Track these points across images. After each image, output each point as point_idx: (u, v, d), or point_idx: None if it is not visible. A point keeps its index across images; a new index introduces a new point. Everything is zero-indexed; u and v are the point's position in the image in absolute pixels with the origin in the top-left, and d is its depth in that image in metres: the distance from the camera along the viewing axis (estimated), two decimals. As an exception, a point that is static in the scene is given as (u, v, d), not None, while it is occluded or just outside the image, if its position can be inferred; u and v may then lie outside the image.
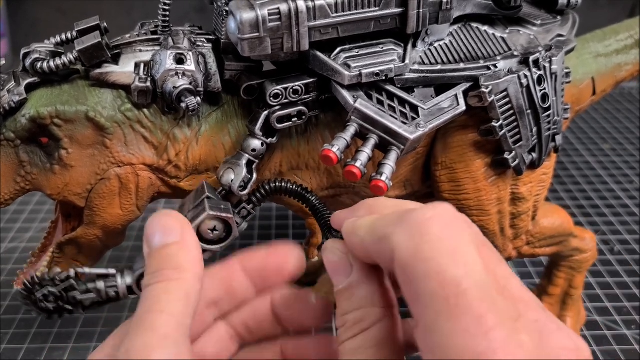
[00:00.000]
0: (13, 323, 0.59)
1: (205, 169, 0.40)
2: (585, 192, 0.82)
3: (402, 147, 0.36)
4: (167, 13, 0.37)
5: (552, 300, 0.58)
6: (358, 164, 0.35)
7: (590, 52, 0.55)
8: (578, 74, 0.53)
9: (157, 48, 0.37)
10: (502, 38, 0.43)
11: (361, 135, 0.36)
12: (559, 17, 0.47)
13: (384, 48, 0.37)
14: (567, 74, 0.45)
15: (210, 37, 0.39)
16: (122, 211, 0.40)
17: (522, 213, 0.47)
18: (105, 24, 0.38)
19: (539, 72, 0.41)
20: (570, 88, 0.52)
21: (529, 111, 0.42)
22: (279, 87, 0.36)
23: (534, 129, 0.43)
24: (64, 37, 0.38)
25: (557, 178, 0.85)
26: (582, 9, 0.48)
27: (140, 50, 0.37)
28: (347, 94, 0.36)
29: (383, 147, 0.36)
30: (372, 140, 0.36)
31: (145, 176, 0.39)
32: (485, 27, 0.43)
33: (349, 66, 0.36)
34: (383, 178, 0.35)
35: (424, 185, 0.48)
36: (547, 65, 0.42)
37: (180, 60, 0.36)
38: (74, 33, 0.38)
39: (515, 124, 0.42)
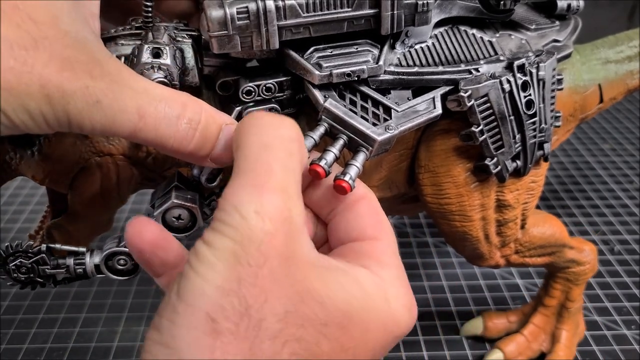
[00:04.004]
0: (13, 323, 0.61)
1: (185, 162, 0.41)
2: (585, 192, 0.82)
3: (371, 148, 0.36)
4: (149, 9, 0.38)
5: (547, 312, 0.56)
6: (322, 162, 0.35)
7: (599, 58, 0.53)
8: (582, 81, 0.52)
9: (138, 42, 0.38)
10: (490, 42, 0.42)
11: (331, 135, 0.37)
12: (557, 22, 0.46)
13: (359, 49, 0.37)
14: (559, 81, 0.44)
15: (193, 33, 0.40)
16: (103, 199, 0.42)
17: (508, 220, 0.47)
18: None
19: (524, 78, 0.40)
20: (572, 95, 0.51)
21: (511, 117, 0.41)
22: (251, 84, 0.37)
23: (518, 136, 0.42)
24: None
25: (556, 178, 0.85)
26: (582, 9, 0.47)
27: (122, 44, 0.38)
28: (318, 93, 0.36)
29: (352, 148, 0.36)
30: (341, 141, 0.36)
31: (125, 166, 0.40)
32: (474, 31, 0.42)
33: (320, 66, 0.36)
34: (346, 178, 0.35)
35: (411, 188, 0.48)
36: (533, 70, 0.41)
37: (156, 54, 0.37)
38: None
39: (496, 129, 0.41)
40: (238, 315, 0.23)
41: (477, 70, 0.40)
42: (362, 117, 0.36)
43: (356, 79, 0.36)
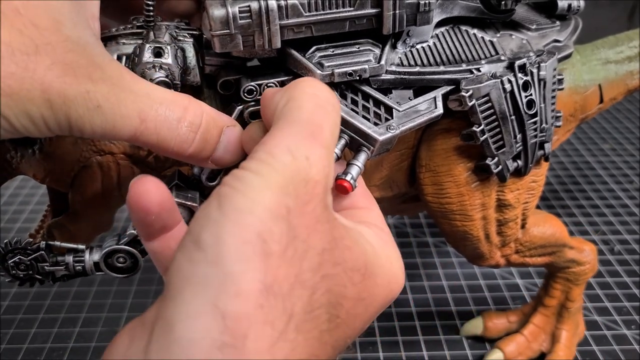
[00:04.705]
0: (13, 323, 0.61)
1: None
2: (585, 192, 0.82)
3: (372, 148, 0.36)
4: (151, 8, 0.38)
5: (547, 312, 0.57)
6: (324, 162, 0.35)
7: (599, 58, 0.54)
8: (583, 81, 0.52)
9: (139, 41, 0.38)
10: (491, 42, 0.42)
11: (333, 135, 0.37)
12: (557, 22, 0.46)
13: (361, 48, 0.37)
14: (560, 81, 0.44)
15: (195, 32, 0.40)
16: (104, 198, 0.42)
17: (509, 220, 0.47)
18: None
19: (525, 78, 0.41)
20: (573, 95, 0.51)
21: (512, 117, 0.41)
22: (253, 84, 0.37)
23: (519, 136, 0.42)
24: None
25: (556, 178, 0.85)
26: (583, 9, 0.47)
27: (124, 43, 0.38)
28: (319, 93, 0.36)
29: (354, 147, 0.36)
30: (343, 140, 0.36)
31: (127, 165, 0.40)
32: (475, 30, 0.42)
33: (322, 65, 0.36)
34: (348, 178, 0.35)
35: (412, 188, 0.48)
36: (534, 70, 0.41)
37: (158, 53, 0.36)
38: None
39: (497, 129, 0.41)
40: (286, 241, 0.23)
41: (478, 70, 0.40)
42: (363, 116, 0.36)
43: (358, 78, 0.37)
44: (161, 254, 0.31)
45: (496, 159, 0.42)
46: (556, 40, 0.45)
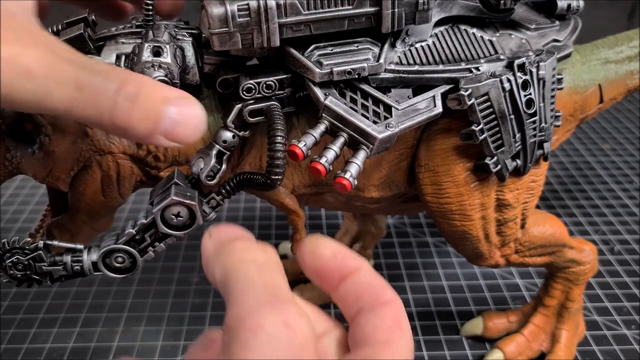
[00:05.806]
0: (13, 323, 0.61)
1: (185, 160, 0.41)
2: (585, 191, 0.82)
3: (371, 146, 0.36)
4: (150, 8, 0.38)
5: (547, 312, 0.56)
6: (323, 160, 0.35)
7: (599, 58, 0.53)
8: (582, 81, 0.52)
9: (139, 41, 0.38)
10: (490, 41, 0.42)
11: (332, 133, 0.37)
12: (557, 22, 0.46)
13: (360, 47, 0.37)
14: (559, 80, 0.44)
15: (194, 31, 0.40)
16: (104, 197, 0.42)
17: (508, 220, 0.47)
18: (93, 16, 0.39)
19: (524, 77, 0.41)
20: (572, 95, 0.51)
21: (512, 116, 0.41)
22: (252, 82, 0.37)
23: (518, 135, 0.42)
24: (54, 29, 0.40)
25: (556, 178, 0.85)
26: (582, 9, 0.47)
27: (123, 43, 0.38)
28: (318, 91, 0.36)
29: (353, 146, 0.36)
30: (342, 139, 0.36)
31: (126, 165, 0.40)
32: (474, 30, 0.42)
33: (320, 64, 0.36)
34: (347, 176, 0.35)
35: (411, 188, 0.48)
36: (534, 70, 0.41)
37: (157, 52, 0.37)
38: (64, 25, 0.39)
39: (497, 129, 0.41)
40: None
41: (477, 69, 0.40)
42: (362, 115, 0.36)
43: (357, 76, 0.37)
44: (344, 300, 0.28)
45: (495, 158, 0.42)
46: (555, 40, 0.45)
